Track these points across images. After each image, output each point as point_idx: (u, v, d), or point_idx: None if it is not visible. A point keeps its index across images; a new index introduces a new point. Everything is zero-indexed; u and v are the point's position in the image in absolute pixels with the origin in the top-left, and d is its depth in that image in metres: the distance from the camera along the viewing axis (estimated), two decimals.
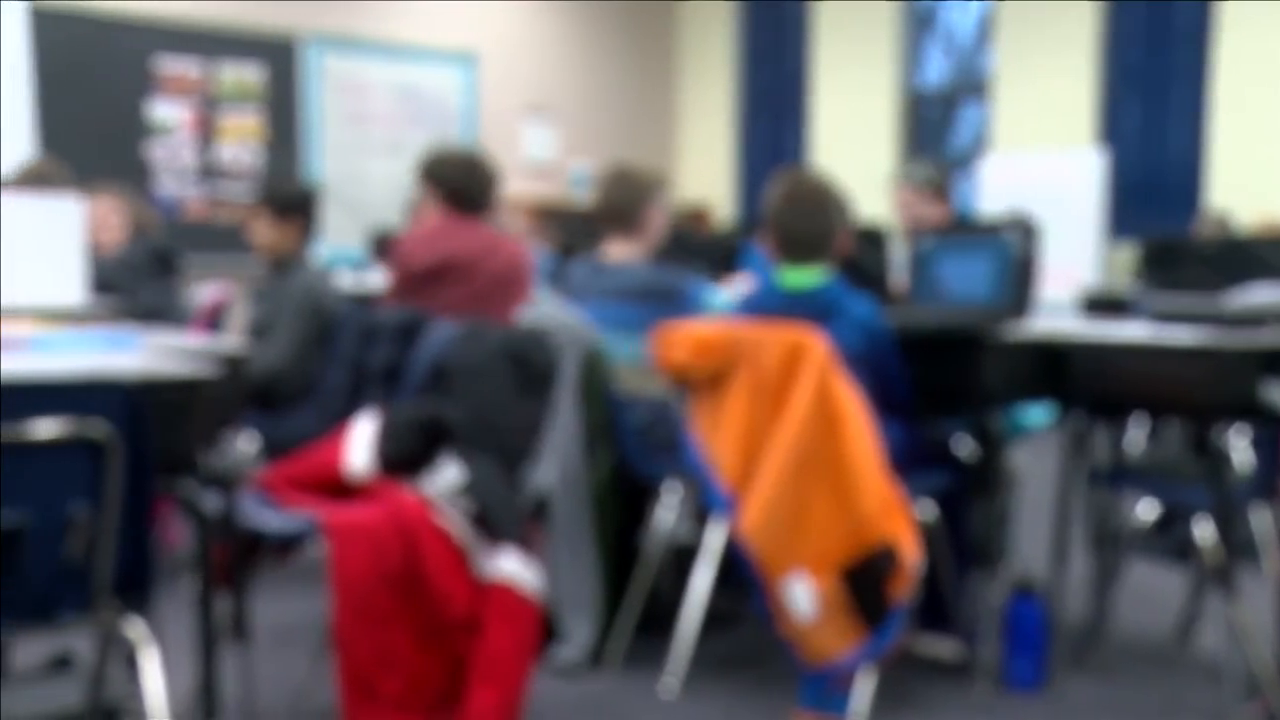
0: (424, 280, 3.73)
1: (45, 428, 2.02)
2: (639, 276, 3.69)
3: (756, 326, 3.16)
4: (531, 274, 3.96)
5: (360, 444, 2.96)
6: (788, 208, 3.24)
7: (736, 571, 3.20)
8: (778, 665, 3.25)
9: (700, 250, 5.29)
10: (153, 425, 2.14)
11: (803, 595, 2.97)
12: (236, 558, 2.80)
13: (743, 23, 9.76)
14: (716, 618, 3.51)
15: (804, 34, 9.37)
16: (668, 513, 3.55)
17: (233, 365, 2.45)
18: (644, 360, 3.50)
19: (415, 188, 3.98)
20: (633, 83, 9.91)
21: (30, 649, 3.19)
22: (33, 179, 4.69)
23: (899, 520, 2.93)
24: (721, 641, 3.64)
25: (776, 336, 3.06)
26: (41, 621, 2.13)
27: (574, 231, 6.07)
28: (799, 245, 3.22)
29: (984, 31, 8.81)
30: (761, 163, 9.56)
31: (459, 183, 3.84)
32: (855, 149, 8.98)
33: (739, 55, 9.78)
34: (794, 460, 2.97)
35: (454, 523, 2.80)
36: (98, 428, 2.05)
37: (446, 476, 2.85)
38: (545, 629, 3.09)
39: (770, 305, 3.23)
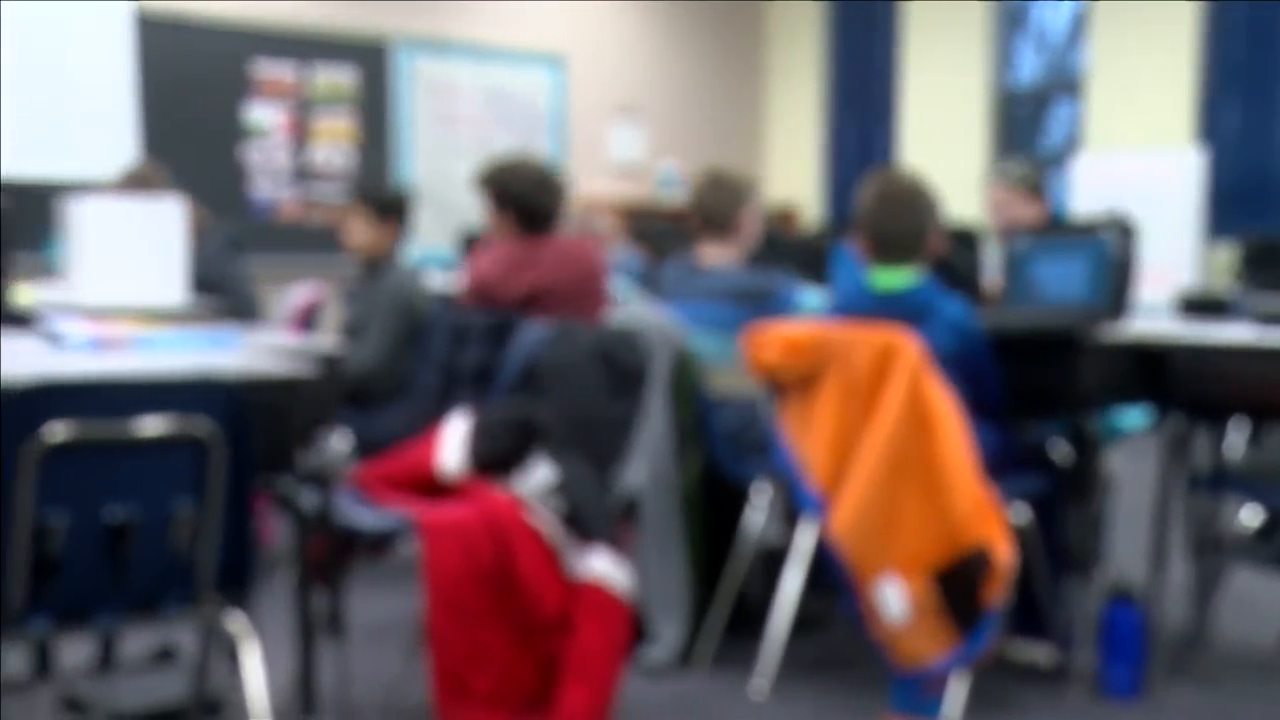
0: (513, 310, 3.72)
1: (151, 425, 2.07)
2: (732, 279, 3.69)
3: (847, 327, 3.14)
4: (607, 277, 3.95)
5: (453, 443, 2.99)
6: (880, 208, 3.22)
7: (826, 573, 3.18)
8: (868, 668, 3.23)
9: (788, 251, 5.27)
10: (253, 423, 2.18)
11: (894, 598, 2.95)
12: (332, 554, 2.84)
13: (832, 22, 9.70)
14: (806, 619, 3.49)
15: (894, 33, 9.30)
16: (757, 514, 3.54)
17: (330, 364, 2.49)
18: (735, 361, 3.50)
19: (483, 202, 3.87)
20: (720, 83, 9.90)
21: (133, 641, 3.26)
22: (135, 182, 4.80)
23: (992, 523, 2.89)
24: (811, 643, 3.62)
25: (868, 337, 3.04)
26: (147, 614, 2.18)
27: (663, 233, 6.08)
28: (891, 246, 3.19)
29: (1077, 28, 8.68)
30: (850, 163, 9.50)
31: (527, 201, 3.73)
32: (945, 148, 8.89)
33: (828, 55, 9.72)
34: (886, 462, 2.95)
35: (545, 522, 2.82)
36: (201, 426, 2.09)
37: (538, 476, 2.87)
38: (634, 629, 3.10)
39: (861, 306, 3.21)
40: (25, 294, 3.51)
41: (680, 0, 9.56)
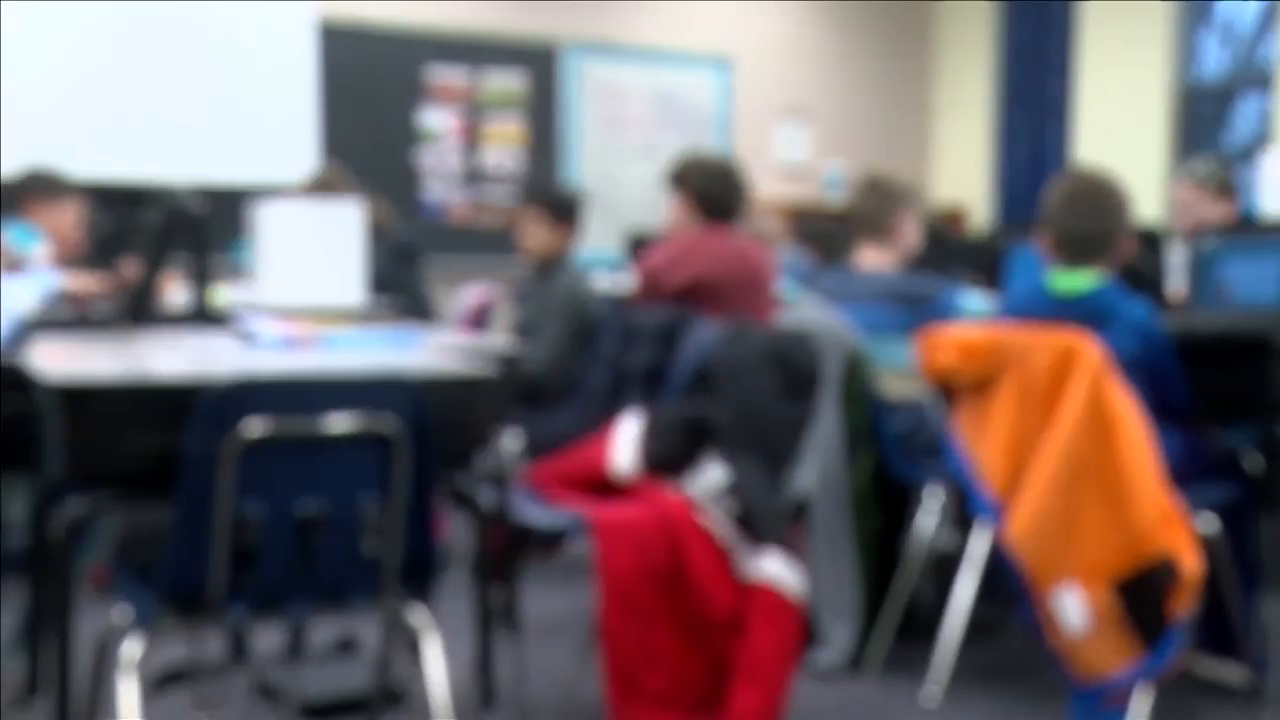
0: (676, 301, 3.78)
1: (340, 422, 2.13)
2: (891, 283, 3.66)
3: (1025, 331, 3.07)
4: (774, 279, 3.95)
5: (625, 443, 3.01)
6: (1067, 207, 3.14)
7: (1001, 580, 3.12)
8: (1045, 678, 3.15)
9: (958, 253, 5.18)
10: (435, 421, 2.23)
11: (1073, 607, 2.88)
12: (508, 551, 2.89)
13: (1004, 19, 9.50)
14: (979, 626, 3.43)
15: (1069, 28, 9.05)
16: (928, 518, 3.49)
17: (508, 364, 2.53)
18: (903, 364, 3.46)
19: (668, 193, 4.02)
20: (888, 83, 9.77)
21: (315, 632, 3.37)
22: (322, 186, 4.97)
23: (1179, 532, 2.80)
24: (985, 651, 3.55)
25: (1047, 341, 2.97)
26: (335, 605, 2.25)
27: (830, 234, 6.03)
28: (1076, 246, 3.11)
29: (1266, 19, 8.33)
30: (1021, 163, 9.28)
31: (710, 189, 3.87)
32: (1122, 147, 8.62)
33: (999, 52, 9.52)
34: (1065, 468, 2.88)
35: (717, 523, 2.82)
36: (387, 423, 2.15)
37: (710, 477, 2.88)
38: (805, 632, 3.08)
39: (1039, 309, 3.14)
40: (220, 295, 3.65)
41: (848, 0, 9.47)
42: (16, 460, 2.33)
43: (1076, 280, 3.12)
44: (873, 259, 3.74)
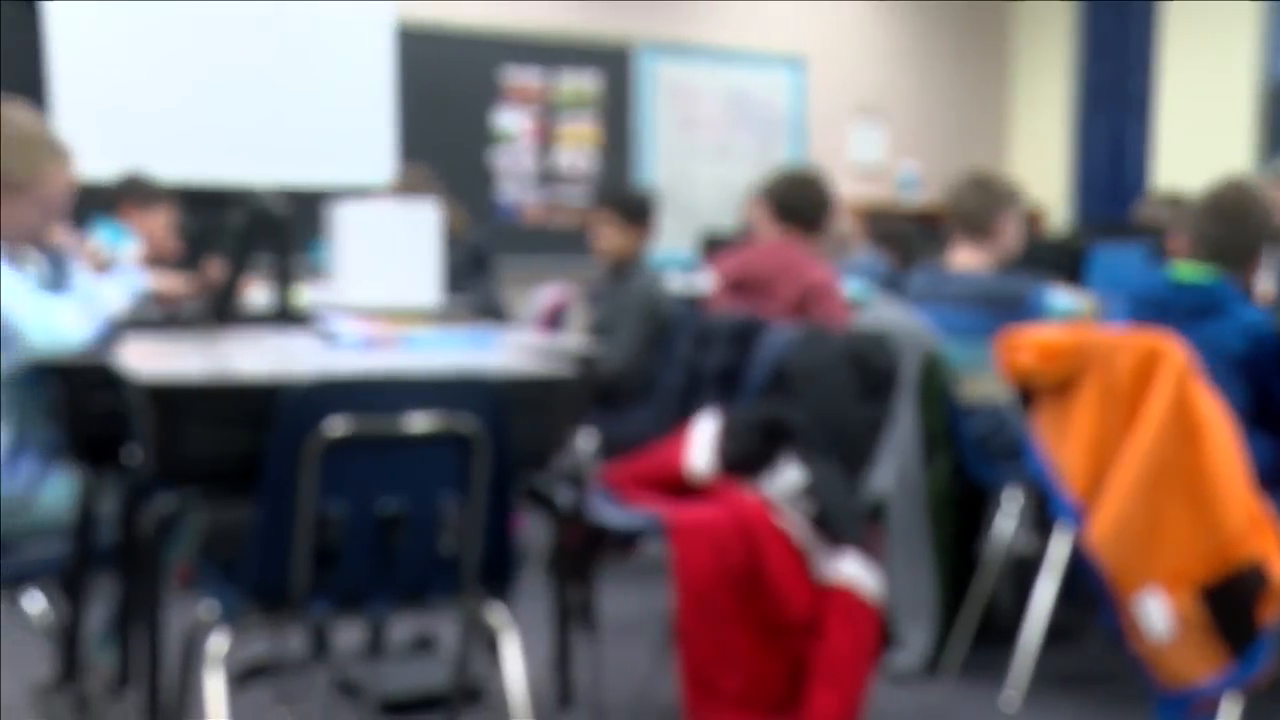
0: (726, 291, 3.83)
1: (420, 422, 2.15)
2: (982, 284, 3.60)
3: (1108, 332, 3.04)
4: (837, 292, 3.94)
5: (701, 444, 3.01)
6: (1210, 213, 3.11)
7: (1081, 584, 3.08)
8: (1127, 685, 3.11)
9: (1037, 253, 5.12)
10: (514, 421, 2.24)
11: (1157, 613, 2.83)
12: (584, 551, 2.90)
13: (1085, 16, 9.37)
14: (1059, 631, 3.38)
15: (1152, 25, 8.91)
16: (1007, 521, 3.45)
17: (586, 365, 2.54)
18: (984, 367, 3.42)
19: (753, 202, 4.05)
20: (964, 81, 9.68)
21: (393, 629, 3.40)
22: (405, 188, 5.04)
23: (1269, 538, 2.74)
24: (1065, 656, 3.51)
25: (1130, 342, 2.93)
26: (415, 604, 2.27)
27: (907, 234, 5.98)
28: (1212, 252, 3.08)
29: None
30: (1101, 163, 9.14)
31: (787, 198, 3.88)
32: (1206, 145, 8.47)
33: (1078, 50, 9.39)
34: (1149, 471, 2.83)
35: (794, 524, 2.81)
36: (467, 423, 2.16)
37: (787, 478, 2.87)
38: (882, 634, 3.06)
39: (1153, 294, 3.10)
40: (301, 294, 3.70)
41: (924, 0, 9.40)
42: (107, 457, 2.38)
43: (1195, 271, 3.08)
44: (967, 259, 3.68)
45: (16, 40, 6.01)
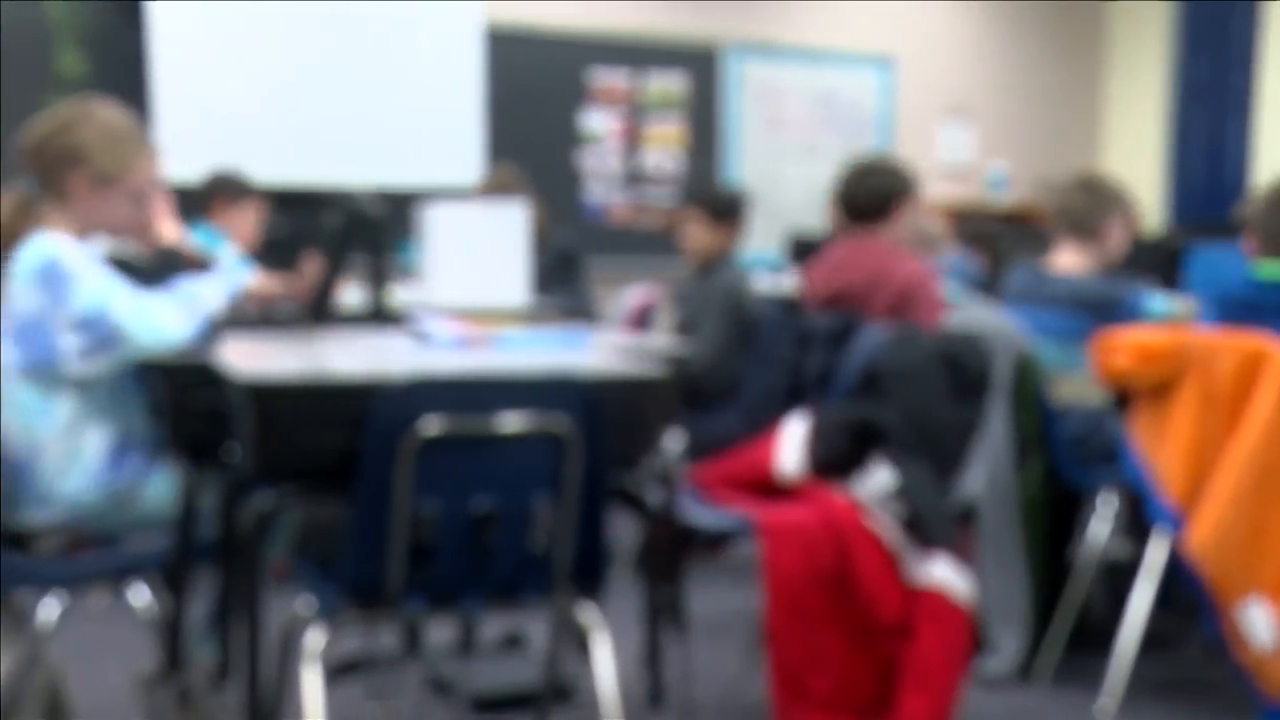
0: (819, 302, 3.75)
1: (513, 421, 2.16)
2: (1081, 286, 3.54)
3: (1208, 334, 2.98)
4: (933, 289, 3.87)
5: (792, 445, 3.00)
6: (1276, 208, 3.05)
7: (1179, 590, 3.02)
8: (1228, 695, 3.05)
9: (1131, 254, 5.03)
10: (606, 421, 2.24)
11: (1262, 622, 2.77)
12: (674, 551, 2.90)
13: (1182, 14, 9.19)
14: (1156, 638, 3.32)
15: (1254, 22, 8.71)
16: (1101, 525, 3.40)
17: (678, 365, 2.54)
18: (1078, 368, 3.37)
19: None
20: (1055, 81, 9.54)
21: (483, 628, 3.43)
22: (495, 188, 5.08)
23: None
24: (1163, 664, 3.45)
25: (1231, 344, 2.87)
26: (507, 602, 2.28)
27: (999, 235, 5.91)
28: None
29: None
30: (1199, 162, 8.96)
31: (849, 193, 3.74)
32: None
33: (1176, 47, 9.21)
34: (1253, 476, 2.78)
35: (885, 527, 2.79)
36: (560, 423, 2.17)
37: (878, 480, 2.85)
38: (974, 638, 3.03)
39: (1239, 294, 3.04)
40: (394, 294, 3.74)
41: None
42: (208, 454, 2.42)
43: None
44: (1069, 261, 3.63)
45: (121, 42, 6.16)
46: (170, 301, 2.50)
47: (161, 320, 2.45)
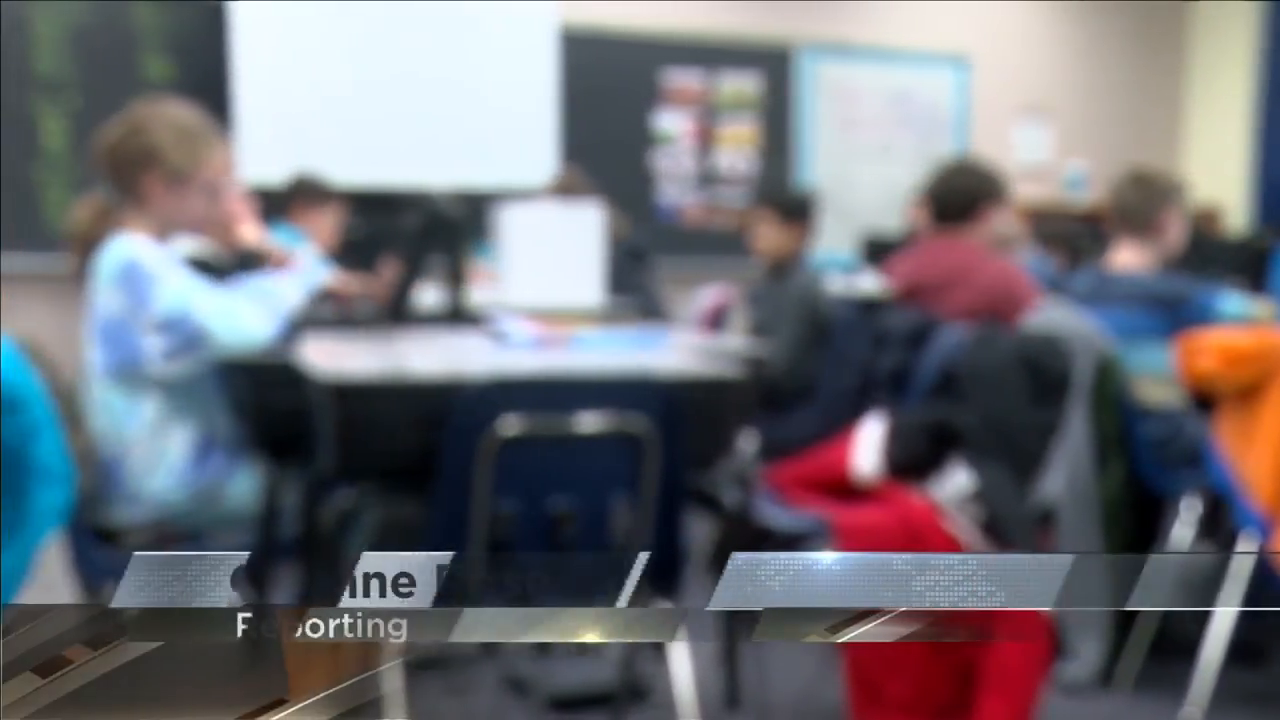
0: (899, 298, 3.73)
1: (590, 422, 2.17)
2: (1146, 284, 3.49)
3: None
4: (1024, 287, 3.82)
5: (868, 447, 2.98)
6: None
7: (1268, 599, 2.96)
8: None
9: (1215, 254, 4.95)
10: (684, 421, 2.25)
11: None
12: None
13: (1270, 14, 9.02)
14: (1243, 648, 3.26)
15: None
16: (1185, 530, 3.34)
17: (755, 366, 2.54)
18: (1151, 369, 3.32)
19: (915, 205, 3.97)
20: (1135, 80, 9.40)
21: None
22: (562, 190, 5.10)
23: None
24: (1251, 675, 3.38)
25: None
26: (583, 603, 2.28)
27: (1077, 234, 5.84)
28: None
29: None
30: None
31: (937, 193, 3.77)
32: None
33: (1263, 47, 9.04)
34: None
35: (963, 529, 2.76)
36: (637, 423, 2.18)
37: (956, 482, 2.82)
38: (1054, 643, 2.99)
39: None
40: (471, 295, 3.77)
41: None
42: (290, 452, 2.45)
43: None
44: (1128, 258, 3.59)
45: (205, 46, 6.26)
46: (250, 301, 2.53)
47: (244, 320, 2.48)
